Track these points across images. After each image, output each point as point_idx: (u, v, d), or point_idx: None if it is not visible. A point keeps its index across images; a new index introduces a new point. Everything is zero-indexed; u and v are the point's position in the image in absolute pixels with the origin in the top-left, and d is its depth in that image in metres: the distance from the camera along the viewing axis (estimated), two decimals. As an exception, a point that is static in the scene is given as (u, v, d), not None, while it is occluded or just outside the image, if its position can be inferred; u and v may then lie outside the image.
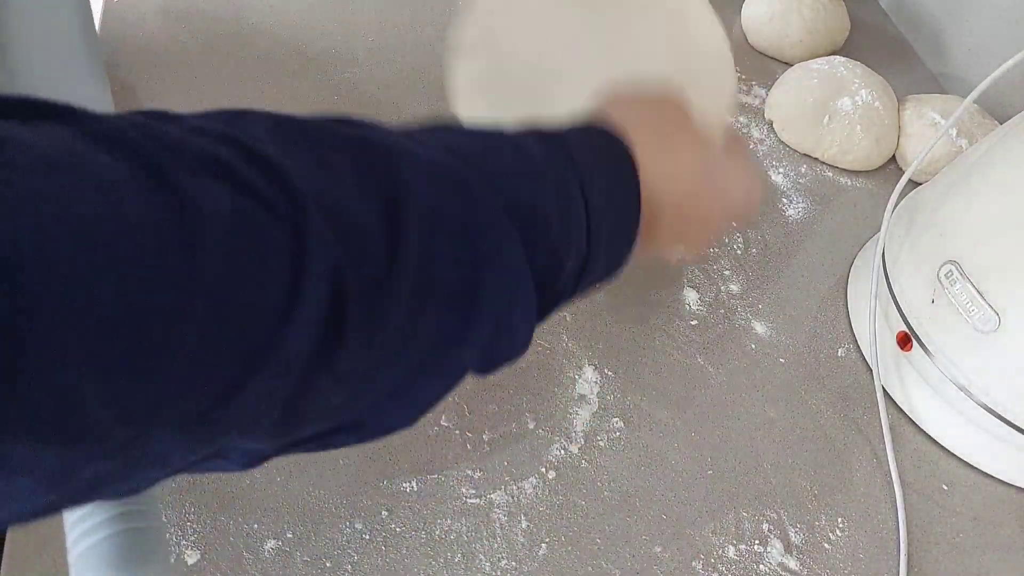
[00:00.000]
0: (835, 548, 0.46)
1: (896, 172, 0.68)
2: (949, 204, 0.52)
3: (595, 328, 0.53)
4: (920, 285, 0.51)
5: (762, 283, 0.58)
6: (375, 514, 0.42)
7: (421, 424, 0.45)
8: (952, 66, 0.80)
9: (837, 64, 0.69)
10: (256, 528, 0.40)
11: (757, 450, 0.49)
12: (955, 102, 0.69)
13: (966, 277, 0.48)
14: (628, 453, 0.47)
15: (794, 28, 0.74)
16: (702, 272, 0.58)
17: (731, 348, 0.54)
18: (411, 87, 0.65)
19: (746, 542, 0.45)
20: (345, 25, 0.68)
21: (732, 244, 0.60)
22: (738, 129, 0.69)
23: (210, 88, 0.60)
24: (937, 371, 0.50)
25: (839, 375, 0.54)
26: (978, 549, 0.48)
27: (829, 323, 0.57)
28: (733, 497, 0.47)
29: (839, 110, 0.66)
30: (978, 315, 0.47)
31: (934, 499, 0.49)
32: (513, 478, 0.45)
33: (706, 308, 0.56)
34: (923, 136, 0.67)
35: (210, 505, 0.41)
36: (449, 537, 0.42)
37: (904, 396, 0.53)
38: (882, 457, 0.50)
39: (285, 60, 0.64)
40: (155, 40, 0.61)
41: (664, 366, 0.52)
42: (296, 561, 0.40)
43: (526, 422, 0.47)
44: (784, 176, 0.66)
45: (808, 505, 0.47)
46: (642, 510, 0.45)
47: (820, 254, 0.61)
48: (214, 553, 0.39)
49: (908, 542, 0.47)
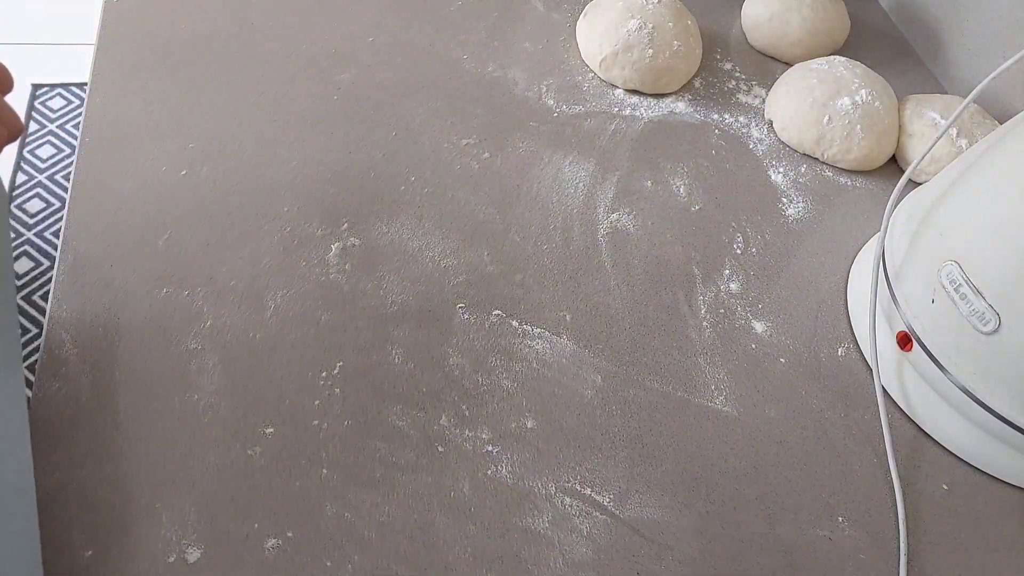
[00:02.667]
0: (835, 548, 0.46)
1: (896, 172, 0.68)
2: (949, 204, 0.52)
3: (595, 328, 0.53)
4: (920, 285, 0.51)
5: (762, 283, 0.58)
6: (375, 513, 0.42)
7: (421, 423, 0.46)
8: (952, 66, 0.80)
9: (837, 64, 0.69)
10: (256, 528, 0.40)
11: (757, 450, 0.49)
12: (955, 102, 0.69)
13: (966, 277, 0.48)
14: (627, 453, 0.47)
15: (794, 28, 0.74)
16: (702, 272, 0.58)
17: (731, 348, 0.54)
18: (411, 87, 0.65)
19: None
20: (345, 25, 0.68)
21: (732, 244, 0.60)
22: (738, 129, 0.69)
23: (210, 88, 0.60)
24: (937, 371, 0.50)
25: (839, 375, 0.54)
26: (978, 549, 0.48)
27: (829, 323, 0.57)
28: (733, 497, 0.47)
29: (839, 110, 0.66)
30: (978, 315, 0.47)
31: (934, 499, 0.49)
32: (514, 478, 0.45)
33: (706, 308, 0.56)
34: (923, 136, 0.67)
35: (210, 505, 0.41)
36: (449, 535, 0.42)
37: (904, 396, 0.53)
38: (882, 457, 0.50)
39: (285, 60, 0.64)
40: (155, 39, 0.61)
41: (664, 366, 0.52)
42: (296, 561, 0.40)
43: (525, 422, 0.47)
44: (784, 176, 0.66)
45: (808, 505, 0.47)
46: (640, 510, 0.45)
47: (820, 254, 0.61)
48: (214, 553, 0.39)
49: (908, 542, 0.47)
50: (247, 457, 0.43)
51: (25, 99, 1.61)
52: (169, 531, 0.39)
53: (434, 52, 0.68)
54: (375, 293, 0.51)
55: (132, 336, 0.46)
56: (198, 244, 0.50)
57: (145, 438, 0.42)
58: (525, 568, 0.42)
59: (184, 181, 0.53)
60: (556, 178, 0.61)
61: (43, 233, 1.43)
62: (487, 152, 0.61)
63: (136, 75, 0.59)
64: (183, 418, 0.43)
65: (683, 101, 0.70)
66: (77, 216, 0.50)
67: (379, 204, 0.56)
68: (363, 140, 0.60)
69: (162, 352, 0.45)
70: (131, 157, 0.54)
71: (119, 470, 0.41)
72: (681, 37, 0.68)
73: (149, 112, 0.57)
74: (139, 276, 0.48)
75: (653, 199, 0.61)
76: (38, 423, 0.42)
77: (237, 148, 0.56)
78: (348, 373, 0.47)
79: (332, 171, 0.57)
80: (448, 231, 0.56)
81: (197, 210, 0.52)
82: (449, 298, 0.52)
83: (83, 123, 0.55)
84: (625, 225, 0.59)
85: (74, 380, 0.43)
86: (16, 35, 1.74)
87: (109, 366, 0.44)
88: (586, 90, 0.68)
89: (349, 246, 0.53)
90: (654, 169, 0.64)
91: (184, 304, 0.48)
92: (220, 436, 0.43)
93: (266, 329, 0.48)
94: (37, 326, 1.30)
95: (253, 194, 0.54)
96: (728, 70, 0.74)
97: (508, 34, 0.72)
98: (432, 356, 0.49)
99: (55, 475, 0.40)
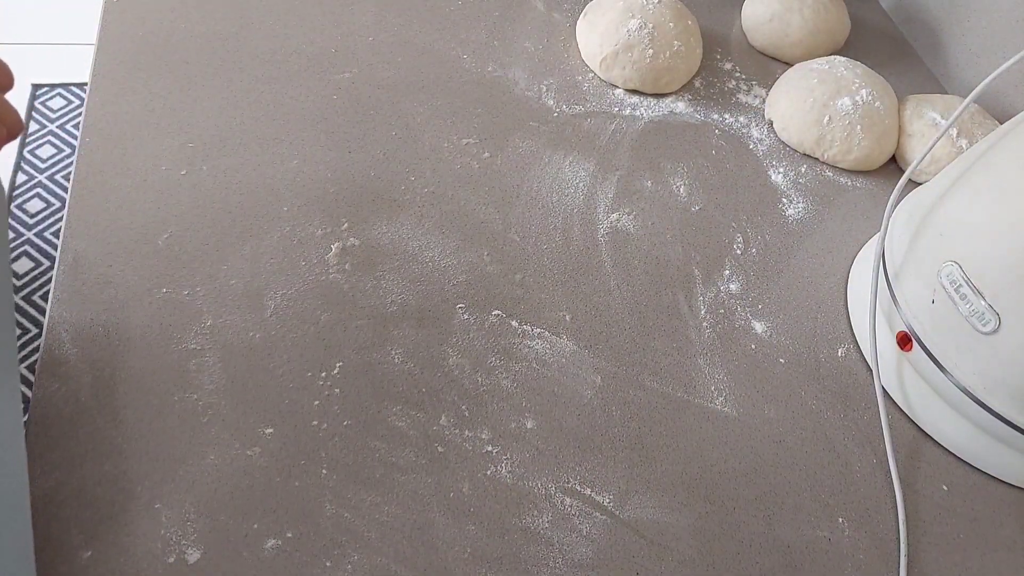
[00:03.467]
0: (835, 548, 0.46)
1: (896, 172, 0.68)
2: (949, 204, 0.52)
3: (595, 328, 0.53)
4: (920, 285, 0.51)
5: (762, 283, 0.58)
6: (375, 513, 0.42)
7: (421, 423, 0.46)
8: (952, 66, 0.80)
9: (837, 64, 0.69)
10: (256, 528, 0.40)
11: (756, 450, 0.49)
12: (955, 102, 0.69)
13: (966, 277, 0.48)
14: (627, 453, 0.47)
15: (794, 28, 0.74)
16: (702, 272, 0.58)
17: (731, 348, 0.54)
18: (411, 86, 0.65)
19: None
20: (345, 24, 0.68)
21: (732, 244, 0.60)
22: (738, 129, 0.69)
23: (210, 87, 0.60)
24: (937, 371, 0.50)
25: (839, 375, 0.54)
26: (978, 549, 0.48)
27: (829, 323, 0.57)
28: (732, 497, 0.47)
29: (839, 110, 0.66)
30: (978, 315, 0.47)
31: (934, 499, 0.49)
32: (514, 478, 0.45)
33: (706, 308, 0.56)
34: (923, 136, 0.67)
35: (210, 505, 0.41)
36: (449, 535, 0.42)
37: (904, 396, 0.53)
38: (882, 457, 0.50)
39: (285, 59, 0.64)
40: (154, 39, 0.61)
41: (664, 367, 0.52)
42: (296, 561, 0.40)
43: (525, 422, 0.47)
44: (784, 176, 0.66)
45: (808, 505, 0.47)
46: (640, 510, 0.45)
47: (820, 254, 0.61)
48: (214, 553, 0.39)
49: (908, 542, 0.47)
50: (247, 457, 0.43)
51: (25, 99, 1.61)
52: (169, 531, 0.39)
53: (434, 52, 0.68)
54: (375, 293, 0.51)
55: (132, 336, 0.46)
56: (198, 243, 0.50)
57: (145, 438, 0.42)
58: (525, 568, 0.42)
59: (184, 180, 0.53)
60: (556, 178, 0.61)
61: (43, 233, 1.43)
62: (487, 152, 0.61)
63: (136, 74, 0.59)
64: (183, 417, 0.43)
65: (683, 101, 0.70)
66: (77, 216, 0.50)
67: (379, 203, 0.56)
68: (363, 139, 0.60)
69: (162, 352, 0.45)
70: (131, 156, 0.54)
71: (118, 469, 0.41)
72: (681, 37, 0.68)
73: (149, 111, 0.57)
74: (139, 276, 0.48)
75: (653, 199, 0.61)
76: (38, 423, 0.41)
77: (237, 147, 0.56)
78: (348, 373, 0.47)
79: (332, 170, 0.57)
80: (448, 231, 0.56)
81: (197, 209, 0.52)
82: (449, 298, 0.52)
83: (83, 123, 0.55)
84: (625, 225, 0.59)
85: (74, 380, 0.43)
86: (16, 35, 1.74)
87: (109, 366, 0.44)
88: (586, 90, 0.68)
89: (349, 246, 0.53)
90: (654, 169, 0.64)
91: (184, 304, 0.48)
92: (220, 436, 0.43)
93: (266, 329, 0.48)
94: (37, 326, 1.30)
95: (253, 193, 0.54)
96: (728, 70, 0.74)
97: (508, 34, 0.72)
98: (432, 356, 0.49)
99: (54, 474, 0.40)
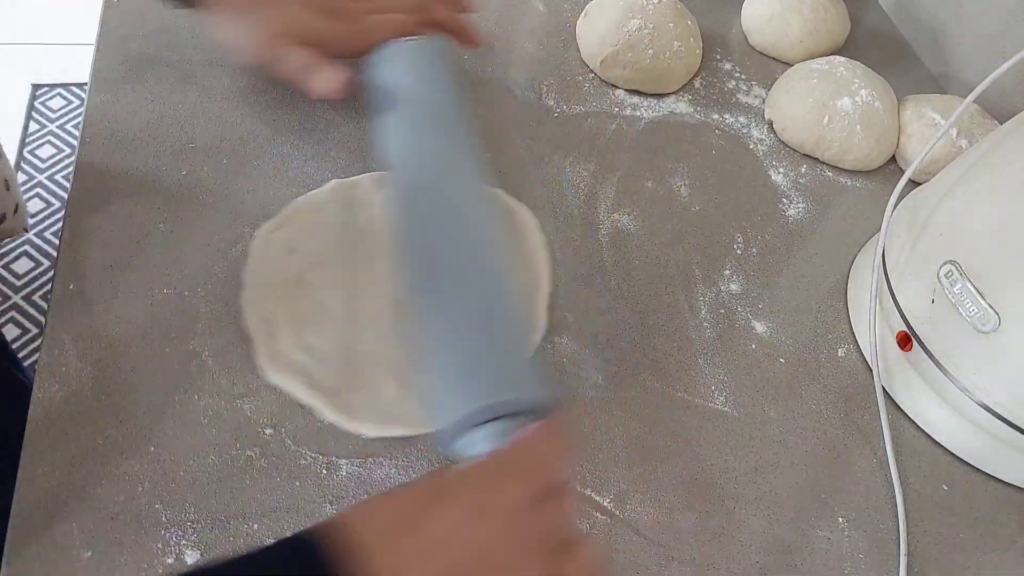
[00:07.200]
0: (835, 548, 0.46)
1: (896, 172, 0.68)
2: (949, 204, 0.52)
3: (595, 328, 0.53)
4: (920, 285, 0.51)
5: (762, 283, 0.58)
6: (375, 514, 0.42)
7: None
8: (952, 66, 0.80)
9: (837, 64, 0.69)
10: (256, 528, 0.40)
11: (757, 450, 0.49)
12: (955, 102, 0.69)
13: (966, 277, 0.48)
14: (627, 453, 0.47)
15: (794, 28, 0.74)
16: (702, 272, 0.58)
17: (731, 348, 0.54)
18: (411, 87, 0.65)
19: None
20: (345, 25, 0.68)
21: (732, 244, 0.60)
22: (738, 129, 0.69)
23: (210, 87, 0.60)
24: (937, 371, 0.50)
25: (839, 375, 0.54)
26: (978, 549, 0.48)
27: (829, 323, 0.57)
28: (733, 497, 0.47)
29: (839, 110, 0.66)
30: (978, 315, 0.47)
31: (934, 499, 0.49)
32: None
33: (706, 308, 0.56)
34: (923, 136, 0.67)
35: (210, 505, 0.41)
36: (449, 537, 0.42)
37: (904, 396, 0.53)
38: (882, 457, 0.50)
39: (285, 60, 0.64)
40: (155, 39, 0.61)
41: (664, 366, 0.52)
42: (296, 561, 0.40)
43: (526, 422, 0.47)
44: (784, 176, 0.66)
45: (808, 505, 0.47)
46: (640, 510, 0.45)
47: (820, 254, 0.61)
48: (214, 553, 0.39)
49: (908, 542, 0.47)
50: (247, 458, 0.43)
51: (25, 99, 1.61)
52: (168, 532, 0.39)
53: (434, 52, 0.68)
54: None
55: (132, 336, 0.46)
56: (198, 244, 0.50)
57: (145, 438, 0.42)
58: (525, 568, 0.42)
59: (184, 180, 0.53)
60: (556, 178, 0.61)
61: (43, 233, 1.44)
62: (488, 152, 0.61)
63: (136, 75, 0.59)
64: (183, 418, 0.43)
65: (683, 101, 0.70)
66: (77, 216, 0.50)
67: (379, 204, 0.56)
68: (363, 139, 0.60)
69: (162, 352, 0.45)
70: (131, 157, 0.54)
71: (118, 470, 0.41)
72: (681, 37, 0.68)
73: (149, 112, 0.57)
74: (139, 276, 0.48)
75: (653, 199, 0.61)
76: (38, 423, 0.42)
77: (237, 147, 0.56)
78: (348, 373, 0.47)
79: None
80: (448, 231, 0.56)
81: (197, 210, 0.52)
82: (449, 298, 0.52)
83: (83, 123, 0.55)
84: (625, 225, 0.59)
85: (74, 380, 0.43)
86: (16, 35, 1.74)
87: (109, 366, 0.44)
88: (586, 90, 0.68)
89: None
90: (654, 169, 0.64)
91: (184, 304, 0.48)
92: (220, 436, 0.43)
93: (266, 329, 0.48)
94: (37, 326, 1.30)
95: (253, 193, 0.54)
96: (728, 70, 0.74)
97: (508, 34, 0.72)
98: (432, 356, 0.49)
99: (54, 474, 0.40)
